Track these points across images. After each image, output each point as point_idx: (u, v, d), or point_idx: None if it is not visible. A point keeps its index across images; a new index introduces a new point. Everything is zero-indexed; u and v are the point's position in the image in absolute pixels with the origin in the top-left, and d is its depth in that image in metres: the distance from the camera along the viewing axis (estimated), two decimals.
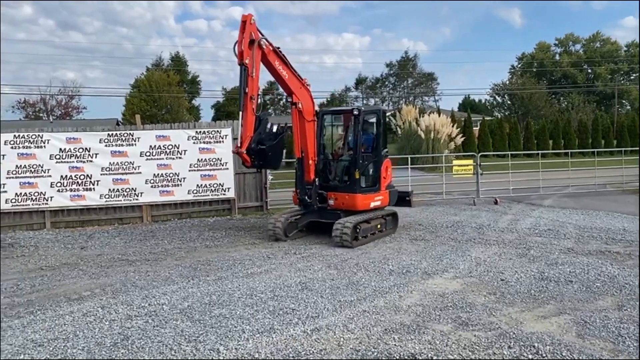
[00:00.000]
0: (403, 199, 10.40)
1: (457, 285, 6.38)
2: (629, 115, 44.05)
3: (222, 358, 4.44)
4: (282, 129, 8.59)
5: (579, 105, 58.85)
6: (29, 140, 10.79)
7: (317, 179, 9.16)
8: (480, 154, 15.20)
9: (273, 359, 4.40)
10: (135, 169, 11.33)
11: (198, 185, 11.73)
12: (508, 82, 64.09)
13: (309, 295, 6.03)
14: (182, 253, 8.52)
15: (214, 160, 11.79)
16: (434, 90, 71.15)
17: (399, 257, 7.89)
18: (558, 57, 75.52)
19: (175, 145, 11.56)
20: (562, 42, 77.17)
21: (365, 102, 69.85)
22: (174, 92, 44.20)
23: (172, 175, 11.56)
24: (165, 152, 11.51)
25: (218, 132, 11.83)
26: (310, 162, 9.09)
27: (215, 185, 11.86)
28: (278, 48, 8.53)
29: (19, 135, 10.78)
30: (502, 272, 6.94)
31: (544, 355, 4.36)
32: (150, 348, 4.66)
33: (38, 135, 10.87)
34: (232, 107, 51.71)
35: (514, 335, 4.77)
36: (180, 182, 11.61)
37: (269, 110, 58.26)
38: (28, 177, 10.78)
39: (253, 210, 12.42)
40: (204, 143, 11.73)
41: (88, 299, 6.10)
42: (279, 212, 10.26)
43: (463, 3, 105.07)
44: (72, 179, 11.00)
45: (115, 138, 11.26)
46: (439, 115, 25.56)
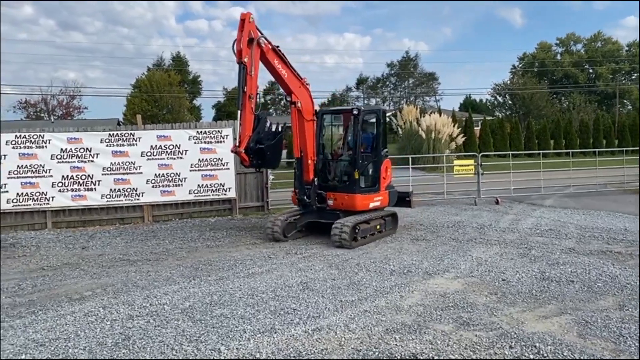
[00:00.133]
0: (403, 200, 10.36)
1: (458, 285, 6.38)
2: (630, 115, 44.06)
3: (223, 358, 4.44)
4: (281, 129, 8.56)
5: (580, 105, 58.93)
6: (30, 141, 10.81)
7: (316, 179, 9.13)
8: (481, 154, 15.22)
9: (274, 359, 4.40)
10: (137, 169, 11.34)
11: (199, 185, 11.73)
12: (509, 82, 64.24)
13: (310, 295, 6.03)
14: (183, 253, 8.52)
15: (215, 160, 11.79)
16: (435, 90, 71.30)
17: (400, 257, 7.89)
18: (559, 56, 75.57)
19: (176, 145, 11.56)
20: (563, 41, 77.19)
21: (367, 102, 69.86)
22: (175, 92, 44.27)
23: (173, 175, 11.57)
24: (166, 152, 11.52)
25: (219, 132, 11.84)
26: (310, 161, 9.06)
27: (216, 185, 11.87)
28: (277, 47, 8.49)
29: (21, 136, 10.79)
30: (503, 272, 6.94)
31: (545, 355, 4.36)
32: (152, 348, 4.66)
33: (39, 136, 10.89)
34: (233, 107, 51.66)
35: (515, 335, 4.77)
36: (181, 182, 11.61)
37: (270, 110, 58.33)
38: (29, 177, 10.79)
39: (254, 210, 12.42)
40: (205, 143, 11.73)
41: (89, 299, 6.11)
42: (280, 212, 10.26)
43: (464, 3, 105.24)
44: (73, 179, 11.01)
45: (117, 138, 11.26)
46: (440, 115, 25.58)
